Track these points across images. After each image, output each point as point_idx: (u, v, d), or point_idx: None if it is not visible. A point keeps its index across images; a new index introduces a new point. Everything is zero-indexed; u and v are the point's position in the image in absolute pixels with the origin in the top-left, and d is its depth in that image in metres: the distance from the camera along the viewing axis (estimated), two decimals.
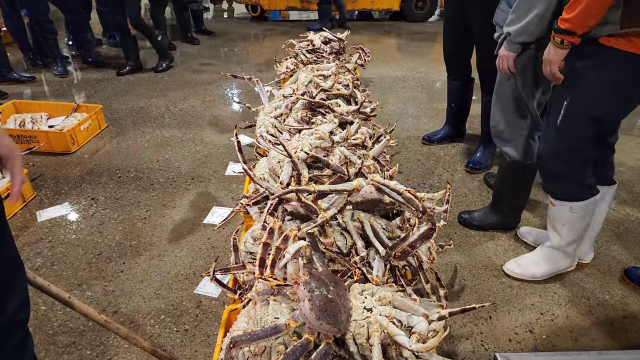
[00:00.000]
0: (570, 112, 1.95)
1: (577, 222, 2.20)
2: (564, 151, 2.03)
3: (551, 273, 2.40)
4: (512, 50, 2.19)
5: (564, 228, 2.24)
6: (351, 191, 1.71)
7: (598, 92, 1.87)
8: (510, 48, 2.18)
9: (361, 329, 1.37)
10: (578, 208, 2.15)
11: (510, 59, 2.22)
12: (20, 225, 2.79)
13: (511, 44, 2.17)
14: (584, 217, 2.18)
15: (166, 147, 3.75)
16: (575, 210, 2.16)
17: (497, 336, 2.07)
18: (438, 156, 3.65)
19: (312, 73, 3.16)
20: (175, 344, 2.02)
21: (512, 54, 2.20)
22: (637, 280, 2.34)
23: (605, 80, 1.83)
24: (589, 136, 1.97)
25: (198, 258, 2.52)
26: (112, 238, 2.68)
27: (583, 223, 2.21)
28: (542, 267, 2.39)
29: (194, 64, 5.99)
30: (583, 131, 1.96)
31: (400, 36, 7.59)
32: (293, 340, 1.36)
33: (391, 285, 1.60)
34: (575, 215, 2.17)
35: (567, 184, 2.13)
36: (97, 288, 2.33)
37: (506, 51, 2.21)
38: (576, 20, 1.75)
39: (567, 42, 1.84)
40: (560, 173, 2.10)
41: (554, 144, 2.06)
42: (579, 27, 1.76)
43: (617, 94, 1.85)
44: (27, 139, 3.56)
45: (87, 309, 1.67)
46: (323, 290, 1.35)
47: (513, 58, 2.21)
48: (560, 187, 2.17)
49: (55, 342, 2.03)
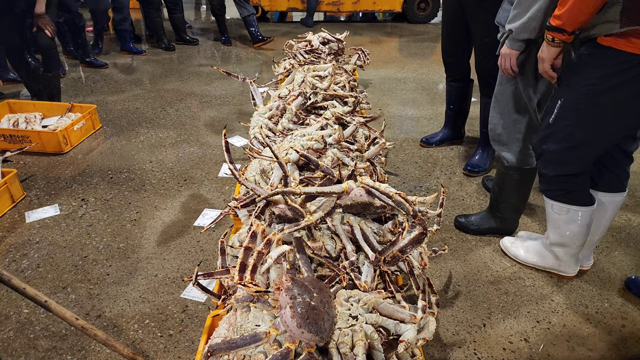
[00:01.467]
0: (563, 112, 1.91)
1: (559, 224, 2.16)
2: (553, 152, 1.99)
3: (533, 263, 2.42)
4: (514, 48, 2.12)
5: (549, 225, 2.25)
6: (340, 194, 1.66)
7: (591, 93, 1.81)
8: (513, 46, 2.12)
9: (345, 338, 1.31)
10: (558, 209, 2.11)
11: (513, 57, 2.15)
12: (8, 226, 2.74)
13: (514, 42, 2.10)
14: (567, 223, 2.13)
15: (160, 148, 3.70)
16: (556, 210, 2.13)
17: (491, 345, 2.00)
18: (436, 159, 3.59)
19: (308, 73, 3.11)
20: (159, 350, 1.96)
21: (514, 52, 2.13)
22: (637, 291, 2.28)
23: (600, 80, 1.78)
24: (580, 139, 1.92)
25: (186, 261, 2.47)
26: (100, 240, 2.63)
27: (566, 228, 2.15)
28: (528, 254, 2.44)
29: (193, 64, 5.95)
30: (573, 133, 1.91)
31: (401, 37, 7.53)
32: (273, 349, 1.30)
33: (380, 292, 1.54)
34: (557, 216, 2.14)
35: (550, 184, 2.09)
36: (82, 291, 2.27)
37: (508, 49, 2.14)
38: (566, 17, 1.72)
39: (558, 40, 1.80)
40: (545, 172, 2.07)
41: (544, 142, 2.02)
42: (569, 24, 1.73)
43: (612, 96, 1.79)
44: (20, 139, 3.51)
45: (64, 313, 1.61)
46: (306, 297, 1.30)
47: (516, 56, 2.14)
48: (544, 183, 2.14)
49: (36, 346, 1.98)
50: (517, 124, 2.35)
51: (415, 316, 1.38)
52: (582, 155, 1.95)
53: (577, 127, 1.89)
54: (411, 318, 1.38)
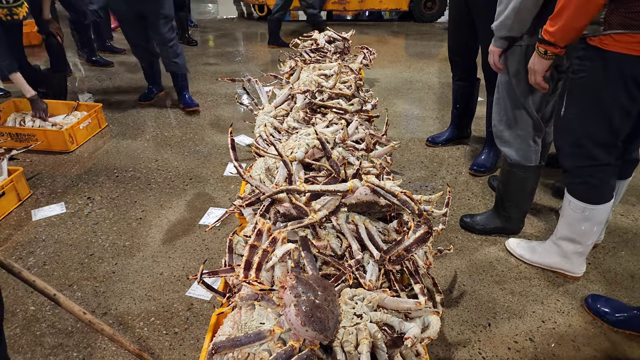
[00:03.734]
0: (567, 105, 1.94)
1: (572, 221, 2.15)
2: (569, 145, 2.01)
3: (539, 263, 2.41)
4: (497, 46, 2.22)
5: (562, 220, 2.23)
6: (345, 192, 1.66)
7: (585, 87, 1.85)
8: (495, 43, 2.22)
9: (349, 336, 1.31)
10: (574, 206, 2.10)
11: (496, 55, 2.23)
12: (14, 224, 2.76)
13: (495, 39, 2.20)
14: (580, 221, 2.12)
15: (165, 147, 3.71)
16: (572, 207, 2.12)
17: (496, 344, 1.99)
18: (442, 158, 3.58)
19: (314, 72, 3.11)
20: (164, 347, 1.97)
21: (497, 49, 2.22)
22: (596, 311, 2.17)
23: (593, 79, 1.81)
24: (581, 132, 1.94)
25: (192, 260, 2.47)
26: (106, 238, 2.64)
27: (578, 225, 2.14)
28: (535, 254, 2.42)
29: (198, 63, 5.96)
30: (575, 126, 1.94)
31: (408, 37, 7.52)
32: (278, 347, 1.30)
33: (384, 291, 1.54)
34: (571, 212, 2.13)
35: (573, 176, 2.09)
36: (88, 289, 2.28)
37: (492, 46, 2.24)
38: (558, 35, 1.78)
39: (550, 53, 1.86)
40: (568, 166, 2.08)
41: (558, 135, 2.05)
42: (561, 40, 1.79)
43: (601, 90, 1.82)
44: (26, 137, 3.53)
45: (72, 307, 1.63)
46: (310, 295, 1.29)
47: (498, 53, 2.22)
48: (567, 177, 2.14)
49: (42, 343, 1.99)
50: (518, 121, 2.34)
51: (420, 302, 1.38)
52: (592, 147, 1.95)
53: (577, 120, 1.93)
54: (416, 305, 1.38)
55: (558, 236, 2.28)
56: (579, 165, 2.02)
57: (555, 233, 2.31)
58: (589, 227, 2.13)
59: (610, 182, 2.04)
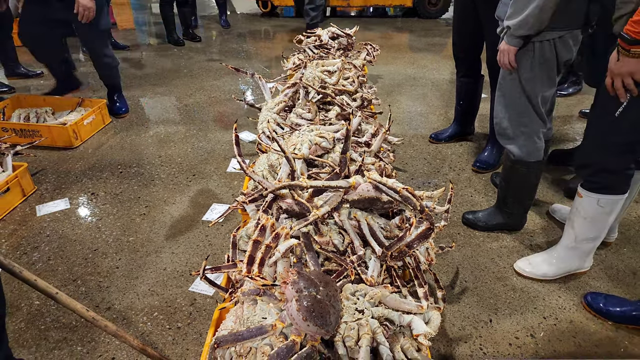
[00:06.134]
0: (633, 108, 1.84)
1: (599, 218, 2.13)
2: (621, 145, 1.94)
3: (563, 273, 2.34)
4: (512, 45, 2.16)
5: (585, 222, 2.17)
6: (347, 188, 1.66)
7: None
8: (511, 42, 2.15)
9: (351, 332, 1.32)
10: (605, 202, 2.08)
11: (511, 53, 2.18)
12: (19, 219, 2.78)
13: (511, 38, 2.13)
14: (608, 214, 2.11)
15: (169, 143, 3.72)
16: (602, 204, 2.08)
17: (497, 340, 2.00)
18: (445, 155, 3.58)
19: (317, 68, 3.11)
20: (167, 342, 1.98)
21: (512, 48, 2.17)
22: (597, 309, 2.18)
23: None
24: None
25: (195, 255, 2.48)
26: (110, 234, 2.65)
27: (604, 221, 2.14)
28: (554, 266, 2.33)
29: (202, 59, 5.97)
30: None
31: (412, 33, 7.51)
32: (279, 342, 1.31)
33: (386, 286, 1.55)
34: (599, 210, 2.10)
35: (610, 176, 2.04)
36: (92, 284, 2.30)
37: (507, 45, 2.18)
38: None
39: None
40: (612, 167, 2.01)
41: (608, 136, 1.95)
42: None
43: None
44: (30, 133, 3.54)
45: (75, 305, 1.64)
46: (312, 290, 1.30)
47: (514, 52, 2.17)
48: (600, 179, 2.06)
49: (47, 337, 2.01)
50: (522, 117, 2.34)
51: (422, 306, 1.39)
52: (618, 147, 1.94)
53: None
54: (418, 309, 1.39)
55: (576, 240, 2.24)
56: (626, 166, 2.00)
57: (568, 237, 2.27)
58: (610, 219, 2.14)
59: (625, 174, 2.05)
